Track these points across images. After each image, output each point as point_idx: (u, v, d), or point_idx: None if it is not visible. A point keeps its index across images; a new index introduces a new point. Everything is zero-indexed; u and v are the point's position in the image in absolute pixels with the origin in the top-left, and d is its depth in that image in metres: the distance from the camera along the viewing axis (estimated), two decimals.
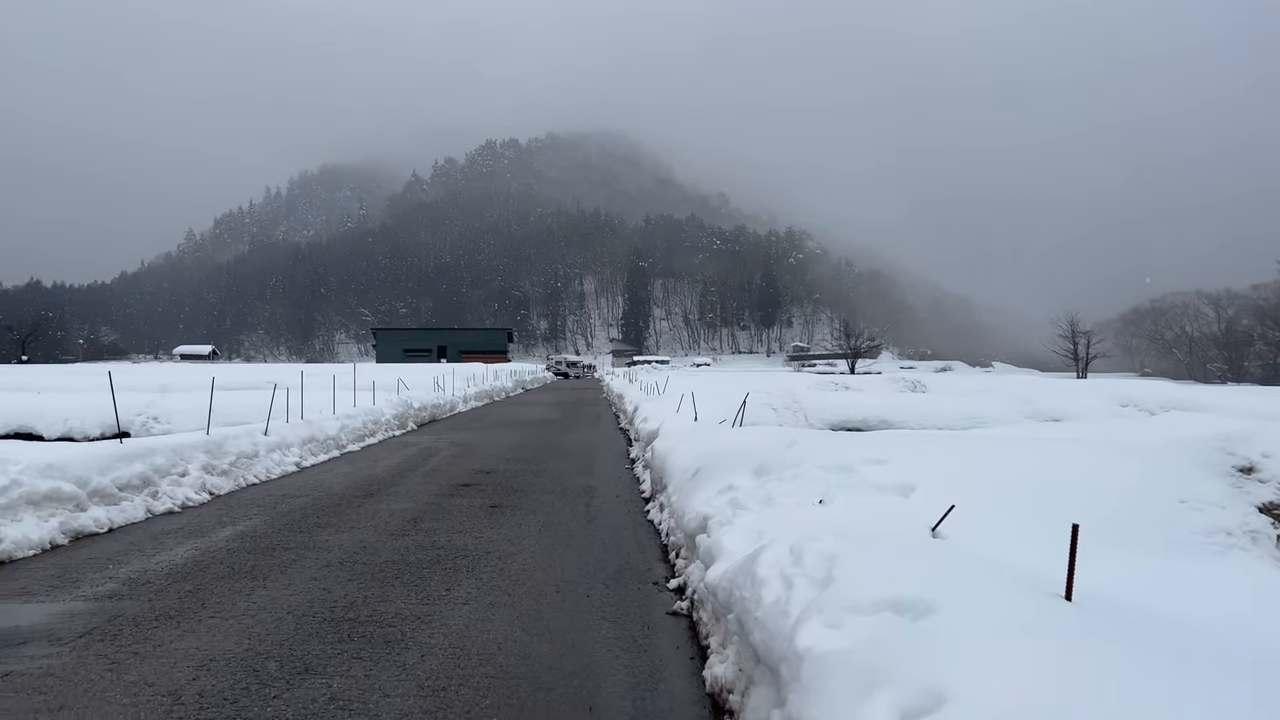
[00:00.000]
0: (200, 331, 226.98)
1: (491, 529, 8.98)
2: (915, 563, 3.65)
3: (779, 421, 21.15)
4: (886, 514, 6.02)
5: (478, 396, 35.00)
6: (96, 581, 6.79)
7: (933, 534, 5.80)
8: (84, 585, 6.68)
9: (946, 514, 5.80)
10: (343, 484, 12.28)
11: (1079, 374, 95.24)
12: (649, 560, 7.70)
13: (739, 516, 6.20)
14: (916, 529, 5.70)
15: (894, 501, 6.29)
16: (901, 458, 7.14)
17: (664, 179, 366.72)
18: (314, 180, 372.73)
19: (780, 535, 5.40)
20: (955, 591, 3.22)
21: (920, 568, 3.57)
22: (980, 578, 3.50)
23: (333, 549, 7.95)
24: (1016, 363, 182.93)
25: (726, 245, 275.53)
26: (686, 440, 10.90)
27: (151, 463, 10.35)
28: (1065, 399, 24.03)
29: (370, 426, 19.17)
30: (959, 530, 5.66)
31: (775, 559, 4.13)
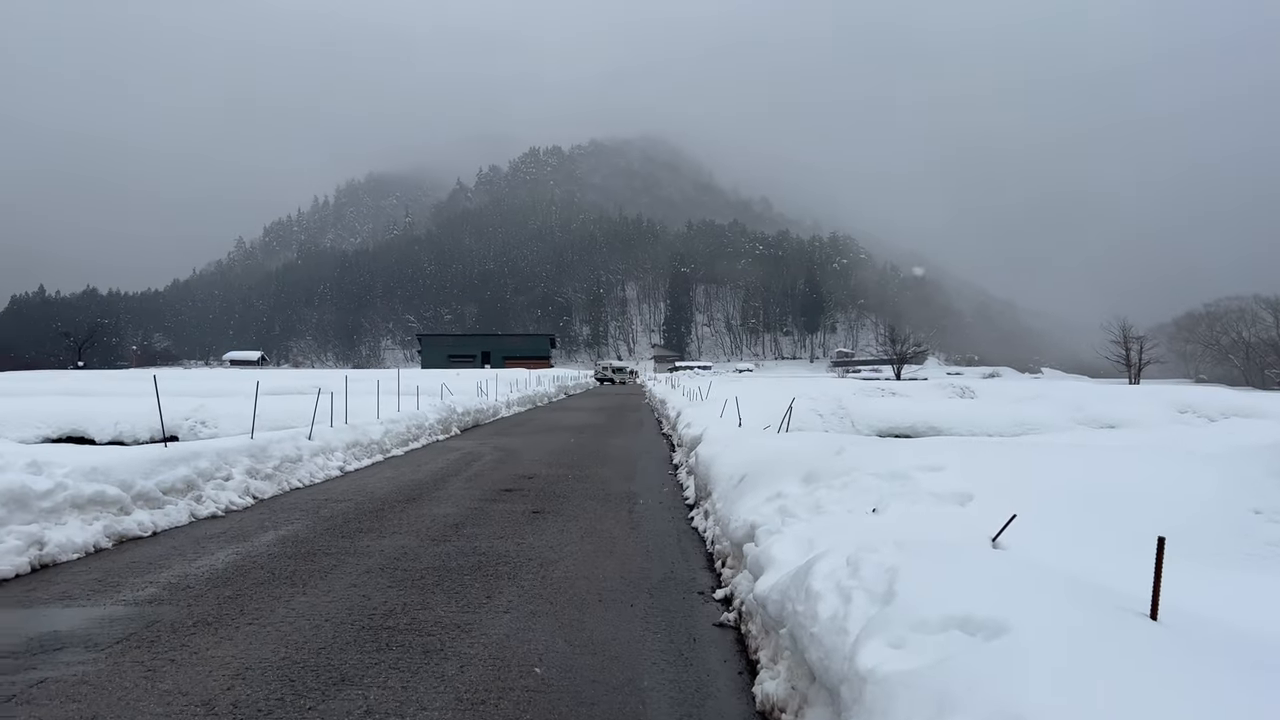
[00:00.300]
0: (250, 338, 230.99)
1: (533, 535, 8.84)
2: (983, 577, 3.41)
3: (825, 427, 20.80)
4: (943, 524, 5.76)
5: (520, 402, 35.03)
6: (137, 586, 6.75)
7: (993, 544, 5.54)
8: (124, 590, 6.64)
9: (1008, 524, 5.53)
10: (385, 489, 12.23)
11: (1131, 380, 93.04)
12: (694, 569, 7.49)
13: (788, 525, 5.97)
14: (976, 539, 5.44)
15: (950, 511, 6.02)
16: (957, 465, 6.85)
17: (705, 184, 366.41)
18: (361, 189, 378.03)
19: (833, 545, 5.17)
20: (1029, 609, 2.98)
21: (989, 582, 3.33)
22: (1054, 593, 3.25)
23: (373, 554, 7.85)
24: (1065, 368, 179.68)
25: (769, 250, 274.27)
26: (731, 446, 10.68)
27: (195, 466, 10.37)
28: (1120, 405, 23.33)
29: (414, 431, 19.18)
30: (1021, 541, 5.39)
31: (830, 571, 3.90)
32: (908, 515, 5.87)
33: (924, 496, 6.26)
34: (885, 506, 6.00)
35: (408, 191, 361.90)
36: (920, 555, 3.70)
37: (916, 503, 6.18)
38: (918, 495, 6.28)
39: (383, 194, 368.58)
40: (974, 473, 6.77)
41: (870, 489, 6.45)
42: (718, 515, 8.26)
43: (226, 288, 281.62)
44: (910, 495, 6.29)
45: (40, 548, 7.42)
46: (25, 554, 7.20)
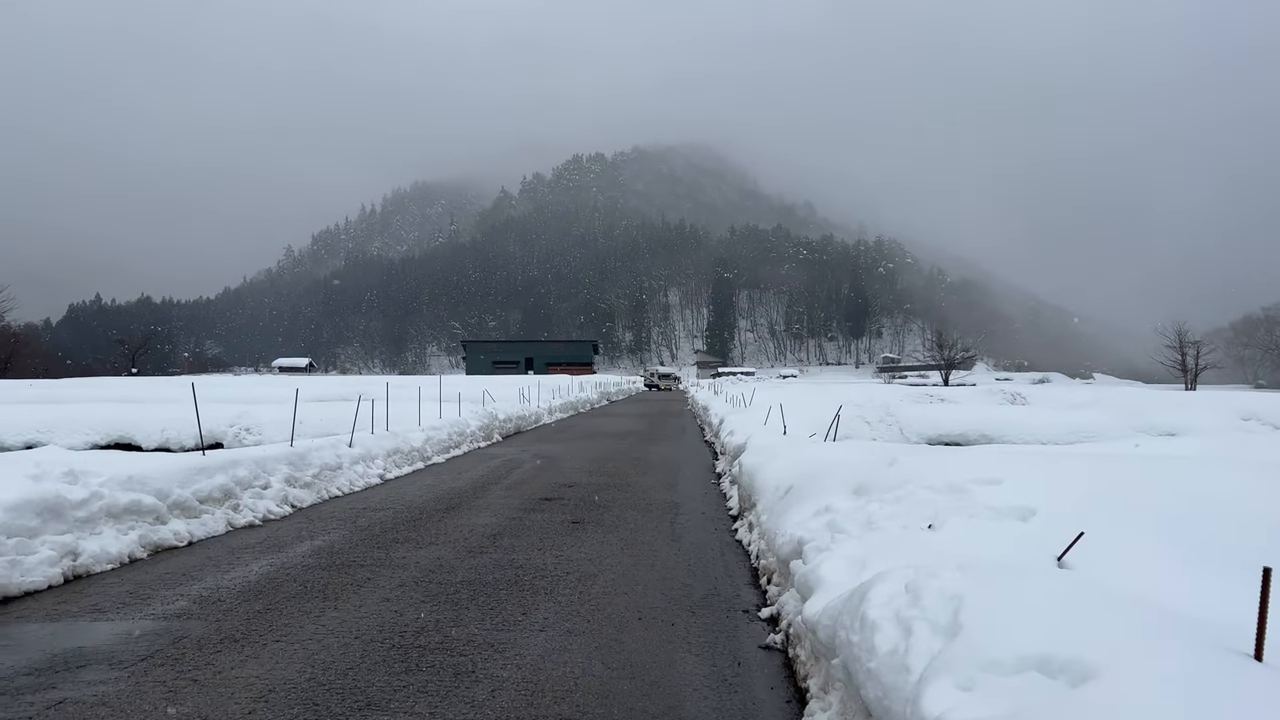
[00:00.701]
0: (299, 345, 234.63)
1: (572, 547, 8.59)
2: (1059, 607, 3.07)
3: (873, 435, 20.32)
4: (1004, 541, 5.39)
5: (562, 408, 34.90)
6: (168, 599, 6.61)
7: (1059, 564, 5.17)
8: (154, 603, 6.50)
9: (1074, 542, 5.16)
10: (424, 497, 12.07)
11: (1188, 386, 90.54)
12: (738, 585, 7.18)
13: (838, 542, 5.64)
14: (1040, 559, 5.07)
15: (1011, 527, 5.65)
16: (1017, 477, 6.47)
17: (749, 190, 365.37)
18: (407, 197, 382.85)
19: (888, 566, 4.84)
20: (1116, 647, 2.65)
21: (1066, 614, 2.99)
22: (1140, 628, 2.91)
23: (409, 567, 7.65)
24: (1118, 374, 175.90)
25: (813, 255, 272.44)
26: (776, 455, 10.34)
27: (233, 475, 10.28)
28: (1180, 412, 22.53)
29: (455, 438, 19.07)
30: (1089, 561, 5.02)
31: (888, 597, 3.59)
32: (966, 532, 5.51)
33: (982, 511, 5.89)
34: (942, 523, 5.64)
35: (453, 200, 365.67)
36: (987, 581, 3.37)
37: (974, 518, 5.81)
38: (976, 510, 5.91)
39: (428, 202, 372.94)
40: (1035, 486, 6.38)
41: (925, 503, 6.09)
42: (763, 528, 7.94)
43: (276, 296, 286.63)
44: (968, 510, 5.92)
45: (74, 558, 7.33)
46: (58, 565, 7.11)
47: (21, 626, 5.92)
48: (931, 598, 3.33)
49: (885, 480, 6.78)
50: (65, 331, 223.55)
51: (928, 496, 6.21)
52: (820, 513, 6.66)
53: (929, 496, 6.21)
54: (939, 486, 6.34)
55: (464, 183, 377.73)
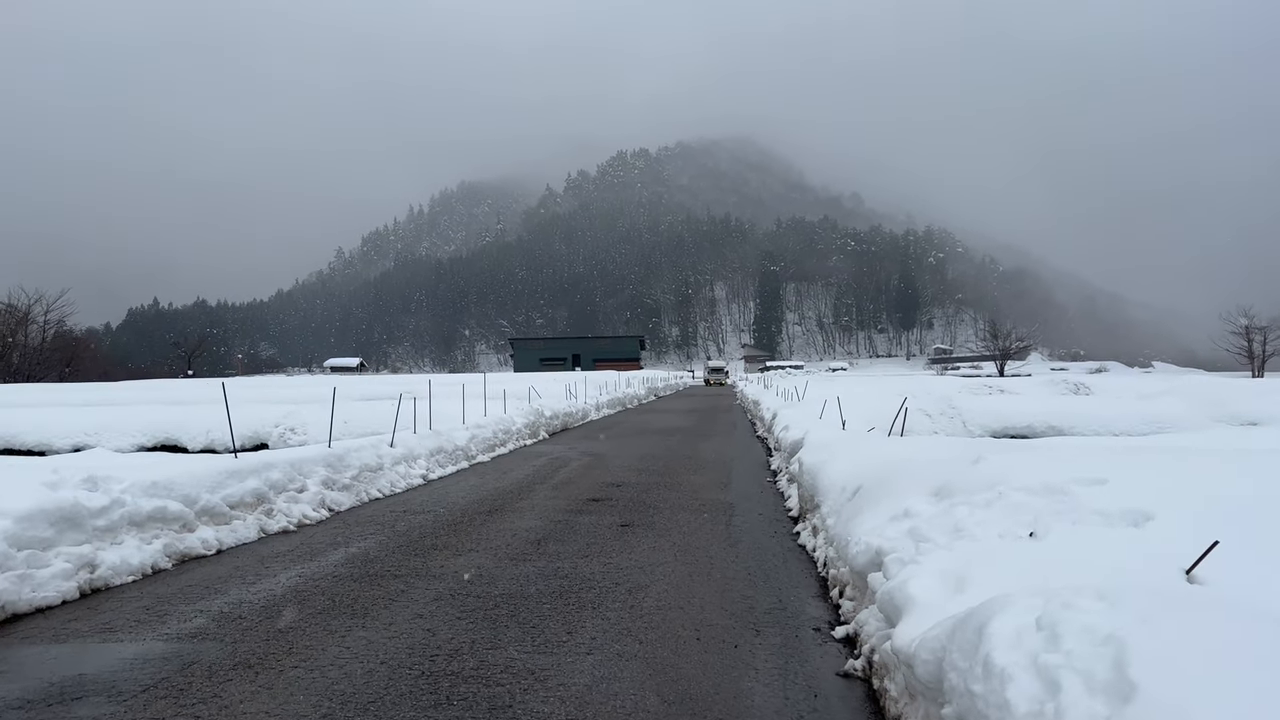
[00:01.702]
0: (350, 345, 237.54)
1: (621, 553, 7.96)
2: (1258, 658, 2.36)
3: (934, 428, 19.42)
4: (1120, 552, 4.64)
5: (610, 404, 34.35)
6: (185, 615, 6.11)
7: (1188, 578, 4.42)
8: (171, 620, 6.01)
9: (1207, 552, 4.40)
10: (467, 499, 11.55)
11: (1255, 373, 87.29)
12: (804, 598, 6.49)
13: (925, 554, 4.94)
14: (1167, 574, 4.33)
15: (1125, 535, 4.89)
16: (1123, 477, 5.69)
17: (795, 182, 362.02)
18: (454, 197, 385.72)
19: (994, 583, 4.13)
20: None
21: (1275, 676, 2.28)
22: None
23: (446, 577, 7.09)
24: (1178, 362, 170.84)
25: (861, 246, 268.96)
26: (838, 452, 9.61)
27: (267, 478, 9.82)
28: (1261, 401, 21.22)
29: (501, 436, 18.58)
30: (1222, 575, 4.26)
31: (1015, 633, 2.89)
32: (1073, 541, 4.77)
33: (1089, 516, 5.13)
34: (1044, 530, 4.90)
35: (499, 199, 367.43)
36: (1146, 618, 2.66)
37: (1080, 524, 5.06)
38: (1081, 514, 5.16)
39: (475, 202, 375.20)
40: (1145, 486, 5.60)
41: (1021, 507, 5.34)
42: (830, 534, 7.23)
43: (327, 297, 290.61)
44: (1071, 514, 5.17)
45: (91, 570, 6.88)
46: (74, 578, 6.66)
47: (24, 649, 5.44)
48: (1077, 639, 2.64)
49: (971, 481, 6.04)
50: (125, 335, 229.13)
51: (1023, 499, 5.46)
52: (898, 517, 5.95)
53: (1024, 499, 5.46)
54: (1035, 488, 5.59)
55: (509, 182, 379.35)
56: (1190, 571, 4.50)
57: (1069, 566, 4.35)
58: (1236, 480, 5.99)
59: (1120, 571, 4.29)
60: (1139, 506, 5.25)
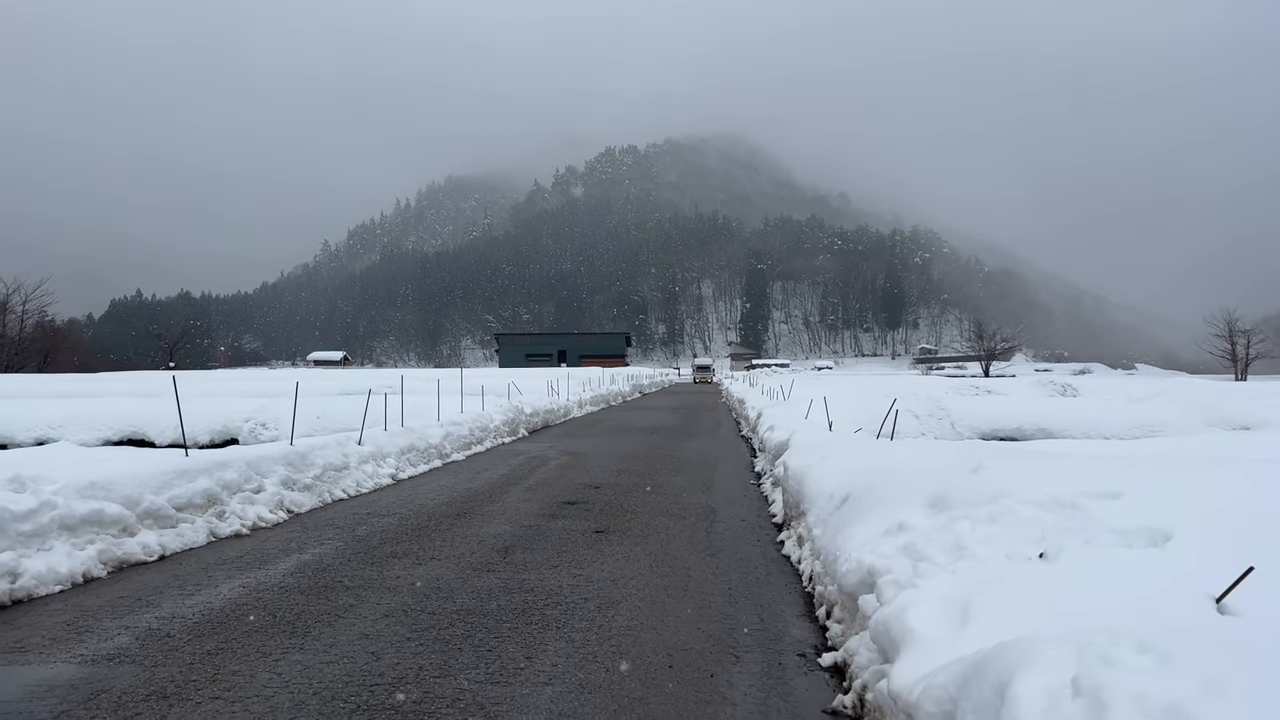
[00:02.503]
0: (335, 338, 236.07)
1: (593, 563, 7.43)
2: None
3: (922, 430, 18.96)
4: (1141, 576, 4.15)
5: (593, 401, 33.81)
6: (108, 633, 5.54)
7: (1218, 607, 3.93)
8: (90, 638, 5.44)
9: (1241, 579, 3.92)
10: (436, 500, 10.99)
11: (1238, 376, 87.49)
12: (788, 616, 5.98)
13: (924, 577, 4.43)
14: (1197, 603, 3.85)
15: (1145, 557, 4.39)
16: (1138, 489, 5.19)
17: (783, 181, 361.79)
18: (441, 191, 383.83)
19: (1003, 615, 3.63)
20: None
21: None
22: None
23: (400, 589, 6.54)
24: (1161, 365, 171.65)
25: (848, 245, 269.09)
26: (827, 456, 9.11)
27: (220, 478, 9.24)
28: (1254, 404, 20.87)
29: (478, 434, 18.02)
30: (1256, 604, 3.78)
31: (1046, 698, 2.38)
32: (1089, 564, 4.27)
33: (1103, 534, 4.64)
34: (1056, 550, 4.40)
35: (486, 193, 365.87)
36: (1214, 684, 2.15)
37: (1095, 544, 4.56)
38: (1094, 532, 4.66)
39: (462, 196, 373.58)
40: (1162, 500, 5.11)
41: (1028, 522, 4.84)
42: (816, 546, 6.72)
43: (313, 290, 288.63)
44: (1084, 532, 4.67)
45: (12, 580, 6.30)
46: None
47: None
48: (1129, 713, 2.12)
49: (971, 491, 5.53)
50: (107, 326, 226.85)
51: (1030, 514, 4.96)
52: (892, 531, 5.44)
53: (1032, 514, 4.96)
54: (1042, 501, 5.08)
55: (497, 176, 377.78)
56: (1220, 600, 4.02)
57: (1089, 596, 3.85)
58: (1256, 494, 5.51)
59: (1148, 603, 3.80)
60: (1157, 524, 4.76)
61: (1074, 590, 3.96)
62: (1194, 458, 7.12)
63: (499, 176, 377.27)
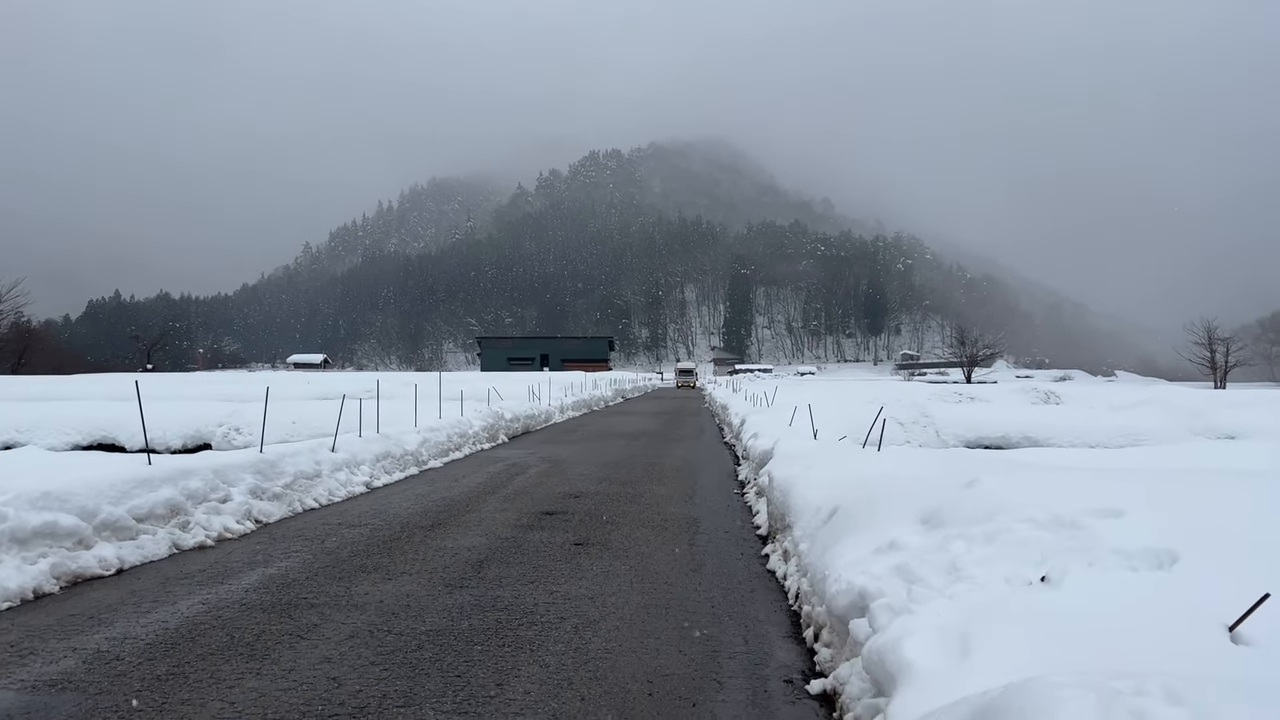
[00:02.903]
0: (316, 341, 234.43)
1: (571, 579, 7.15)
2: None
3: (907, 438, 18.79)
4: (1148, 602, 3.92)
5: (575, 406, 33.50)
6: (54, 655, 5.22)
7: (1231, 635, 3.71)
8: (34, 661, 5.11)
9: (1256, 606, 3.70)
10: (410, 510, 10.68)
11: (1217, 384, 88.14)
12: (774, 636, 5.72)
13: (920, 601, 4.18)
14: (1209, 632, 3.63)
15: (1152, 580, 4.17)
16: (1140, 506, 4.97)
17: (766, 186, 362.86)
18: (423, 194, 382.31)
19: (1007, 647, 3.39)
20: None
21: None
22: None
23: (368, 608, 6.24)
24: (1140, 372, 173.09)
25: (831, 251, 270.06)
26: (813, 466, 8.87)
27: (184, 487, 8.90)
28: (1239, 413, 20.84)
29: (456, 440, 17.68)
30: (1269, 631, 3.57)
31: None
32: (1094, 588, 4.04)
33: (1106, 556, 4.41)
34: (1059, 573, 4.17)
35: (469, 196, 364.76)
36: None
37: (1098, 565, 4.33)
38: (1097, 553, 4.43)
39: (445, 198, 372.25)
40: (1164, 518, 4.89)
41: (1027, 542, 4.61)
42: (803, 562, 6.47)
43: (293, 292, 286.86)
44: (1087, 553, 4.44)
45: None
46: None
47: None
48: None
49: (966, 507, 5.30)
50: (84, 328, 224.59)
51: (1029, 533, 4.73)
52: (883, 550, 5.19)
53: (1031, 533, 4.72)
54: (1042, 520, 4.85)
55: (481, 179, 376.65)
56: (1234, 629, 3.80)
57: (1096, 626, 3.62)
58: (1260, 511, 5.30)
59: (1160, 633, 3.57)
60: (1162, 544, 4.54)
61: (1080, 619, 3.72)
62: (1194, 471, 6.93)
63: (482, 179, 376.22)
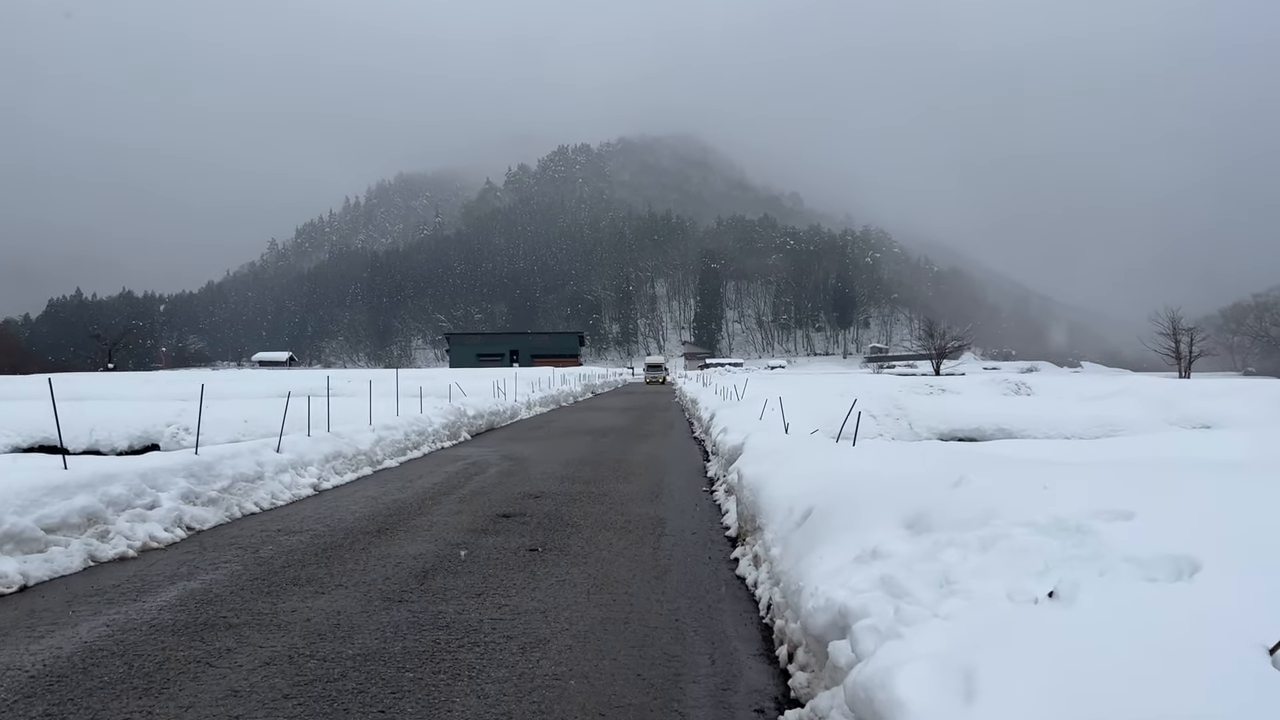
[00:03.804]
0: (282, 338, 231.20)
1: (523, 590, 6.54)
2: None
3: (880, 431, 18.32)
4: (1170, 620, 3.38)
5: (543, 402, 32.83)
6: None
7: (1273, 659, 3.19)
8: None
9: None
10: (358, 513, 10.01)
11: (1181, 373, 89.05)
12: (743, 655, 5.14)
13: (910, 622, 3.61)
14: (1248, 658, 3.10)
15: (1175, 594, 3.63)
16: (1151, 507, 4.44)
17: (736, 180, 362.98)
18: (391, 189, 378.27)
19: (1019, 686, 2.83)
20: None
21: None
22: None
23: (292, 627, 5.59)
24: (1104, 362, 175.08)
25: (800, 245, 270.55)
26: (785, 462, 8.32)
27: (104, 494, 8.18)
28: (1214, 403, 20.62)
29: (415, 438, 16.99)
30: None
31: None
32: (1110, 604, 3.49)
33: (1120, 565, 3.87)
34: (1068, 587, 3.61)
35: (438, 191, 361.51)
36: None
37: (1110, 576, 3.79)
38: (1108, 562, 3.89)
39: (413, 194, 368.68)
40: (1177, 519, 4.36)
41: (1029, 550, 4.06)
42: (775, 570, 5.90)
43: (259, 289, 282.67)
44: (1097, 562, 3.90)
45: None
46: None
47: None
48: None
49: (955, 509, 4.74)
50: (45, 327, 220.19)
51: (1029, 539, 4.18)
52: (864, 558, 4.63)
53: (1031, 540, 4.18)
54: (1043, 524, 4.31)
55: (448, 174, 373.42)
56: (1276, 652, 3.27)
57: (1119, 655, 3.07)
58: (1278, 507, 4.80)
59: (1192, 659, 3.02)
60: (1180, 550, 3.99)
61: (1099, 646, 3.17)
62: (1198, 464, 6.43)
63: (450, 174, 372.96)
